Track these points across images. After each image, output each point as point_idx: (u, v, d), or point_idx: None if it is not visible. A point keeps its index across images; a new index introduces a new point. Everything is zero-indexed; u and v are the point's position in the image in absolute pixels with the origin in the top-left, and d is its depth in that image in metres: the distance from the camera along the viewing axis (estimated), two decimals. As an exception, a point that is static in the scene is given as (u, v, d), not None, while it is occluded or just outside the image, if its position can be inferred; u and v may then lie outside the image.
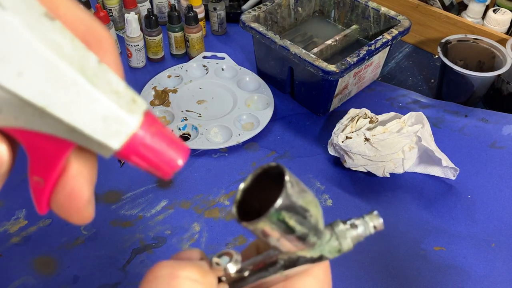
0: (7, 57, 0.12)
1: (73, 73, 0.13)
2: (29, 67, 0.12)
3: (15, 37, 0.12)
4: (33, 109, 0.13)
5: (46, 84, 0.12)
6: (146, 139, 0.14)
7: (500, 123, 0.73)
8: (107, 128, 0.13)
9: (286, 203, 0.15)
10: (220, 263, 0.17)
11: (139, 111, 0.14)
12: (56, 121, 0.13)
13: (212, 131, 0.71)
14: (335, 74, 0.65)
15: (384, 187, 0.64)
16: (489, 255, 0.57)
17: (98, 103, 0.13)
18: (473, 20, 0.85)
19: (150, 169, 0.15)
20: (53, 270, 0.55)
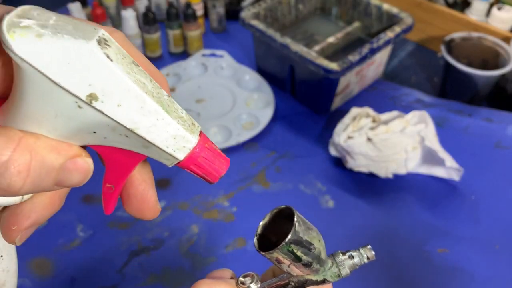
0: (111, 93, 0.16)
1: (155, 104, 0.17)
2: (125, 100, 0.16)
3: (117, 79, 0.16)
4: (122, 131, 0.17)
5: (136, 113, 0.17)
6: (202, 152, 0.19)
7: (504, 122, 0.72)
8: (175, 144, 0.18)
9: (295, 238, 0.20)
10: (245, 282, 0.22)
11: (197, 132, 0.19)
12: (137, 140, 0.18)
13: (211, 131, 0.70)
14: (337, 73, 0.64)
15: (386, 188, 0.63)
16: (493, 257, 0.56)
17: (170, 126, 0.18)
18: (477, 18, 0.83)
19: (202, 176, 0.20)
20: (49, 272, 0.54)
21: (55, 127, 0.17)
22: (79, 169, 0.18)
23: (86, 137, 0.18)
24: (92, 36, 0.16)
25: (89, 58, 0.16)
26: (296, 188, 0.63)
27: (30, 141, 0.16)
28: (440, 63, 0.85)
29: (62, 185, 0.18)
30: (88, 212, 0.60)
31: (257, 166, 0.66)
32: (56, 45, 0.15)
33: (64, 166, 0.17)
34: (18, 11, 0.16)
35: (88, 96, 0.16)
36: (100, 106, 0.16)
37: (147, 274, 0.54)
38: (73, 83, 0.16)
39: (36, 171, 0.16)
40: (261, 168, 0.66)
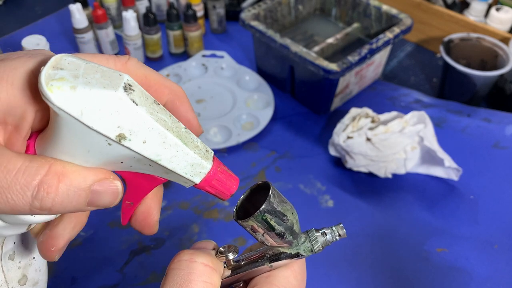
0: (137, 132, 0.18)
1: (175, 138, 0.19)
2: (150, 137, 0.19)
3: (142, 120, 0.18)
4: (147, 162, 0.20)
5: (159, 147, 0.19)
6: (215, 175, 0.21)
7: (503, 122, 0.72)
8: (193, 171, 0.21)
9: (268, 208, 0.22)
10: (223, 252, 0.24)
11: (211, 158, 0.21)
12: (160, 168, 0.20)
13: (211, 131, 0.70)
14: (336, 73, 0.64)
15: (386, 188, 0.64)
16: (492, 256, 0.56)
17: (188, 156, 0.20)
18: (475, 19, 0.84)
19: (216, 194, 0.22)
20: (50, 271, 0.54)
21: (86, 160, 0.19)
22: (108, 190, 0.20)
23: (114, 166, 0.20)
24: (119, 84, 0.18)
25: (118, 104, 0.18)
26: (296, 188, 0.63)
27: (58, 167, 0.19)
28: (439, 63, 0.85)
29: (94, 205, 0.20)
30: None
31: (257, 166, 0.66)
32: (89, 94, 0.17)
33: (92, 187, 0.19)
34: (52, 62, 0.18)
35: (118, 136, 0.18)
36: (128, 144, 0.18)
37: (148, 273, 0.54)
38: (104, 126, 0.18)
39: (64, 193, 0.19)
40: (261, 168, 0.66)
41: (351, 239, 0.57)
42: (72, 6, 0.77)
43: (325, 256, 0.55)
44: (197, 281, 0.22)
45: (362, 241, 0.57)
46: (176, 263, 0.22)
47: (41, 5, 1.03)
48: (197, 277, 0.22)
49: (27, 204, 0.18)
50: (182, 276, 0.22)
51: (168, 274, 0.22)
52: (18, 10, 1.02)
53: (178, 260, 0.22)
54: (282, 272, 0.24)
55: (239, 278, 0.24)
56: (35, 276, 0.26)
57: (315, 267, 0.54)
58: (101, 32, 0.80)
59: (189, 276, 0.22)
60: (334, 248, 0.56)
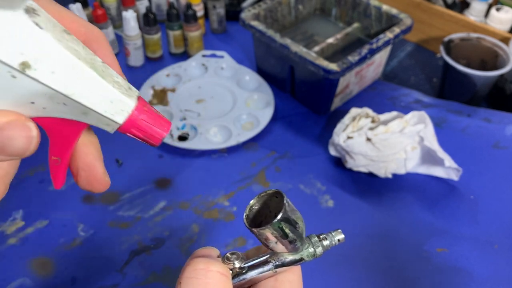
0: (44, 61, 0.16)
1: (89, 69, 0.17)
2: (59, 67, 0.17)
3: (50, 47, 0.16)
4: (59, 98, 0.17)
5: (71, 79, 0.17)
6: (141, 115, 0.19)
7: (503, 123, 0.72)
8: (113, 108, 0.18)
9: (285, 216, 0.22)
10: (230, 259, 0.24)
11: (135, 96, 0.19)
12: (76, 107, 0.18)
13: (211, 131, 0.70)
14: (336, 73, 0.64)
15: (386, 188, 0.64)
16: (492, 256, 0.56)
17: (107, 91, 0.18)
18: (476, 19, 0.84)
19: (145, 139, 0.20)
20: (50, 272, 0.54)
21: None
22: (19, 133, 0.17)
23: (25, 108, 0.18)
24: (19, 5, 0.16)
25: (19, 27, 0.16)
26: (296, 188, 0.63)
27: None
28: (439, 63, 0.85)
29: (5, 153, 0.18)
30: (88, 211, 0.60)
31: (257, 166, 0.66)
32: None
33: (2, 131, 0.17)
34: None
35: (21, 65, 0.16)
36: (34, 74, 0.16)
37: (148, 273, 0.54)
38: (4, 52, 0.16)
39: None
40: (261, 168, 0.66)
41: (351, 239, 0.57)
42: (72, 6, 0.77)
43: (325, 256, 0.55)
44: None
45: (362, 241, 0.57)
46: (191, 272, 0.22)
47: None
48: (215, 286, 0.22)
49: None
50: (199, 285, 0.22)
51: (183, 283, 0.22)
52: (18, 10, 1.02)
53: (194, 269, 0.22)
54: (287, 276, 0.25)
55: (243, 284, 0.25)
56: None
57: (316, 267, 0.54)
58: (101, 32, 0.80)
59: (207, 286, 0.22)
60: (334, 247, 0.55)
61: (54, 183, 0.21)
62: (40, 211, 0.60)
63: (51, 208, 0.60)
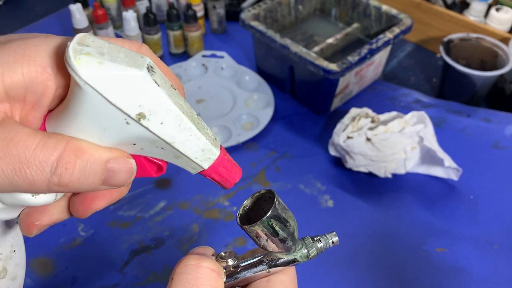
0: (156, 113, 0.19)
1: (189, 122, 0.20)
2: (167, 119, 0.19)
3: (162, 101, 0.19)
4: (160, 144, 0.20)
5: (175, 129, 0.20)
6: (222, 162, 0.22)
7: (502, 123, 0.72)
8: (203, 156, 0.21)
9: (274, 214, 0.22)
10: (224, 257, 0.24)
11: (219, 145, 0.22)
12: (171, 151, 0.20)
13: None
14: (336, 73, 0.64)
15: (385, 187, 0.64)
16: (491, 256, 0.56)
17: (201, 141, 0.21)
18: (475, 19, 0.84)
19: (220, 182, 0.23)
20: (50, 271, 0.54)
21: (101, 139, 0.20)
22: (123, 168, 0.20)
23: (126, 147, 0.20)
24: (142, 64, 0.18)
25: (141, 83, 0.18)
26: (296, 188, 0.63)
27: (76, 143, 0.19)
28: (439, 63, 0.85)
29: (109, 183, 0.20)
30: (89, 211, 0.60)
31: (257, 166, 0.66)
32: (115, 71, 0.18)
33: (108, 165, 0.20)
34: (77, 39, 0.18)
35: (138, 115, 0.19)
36: (147, 123, 0.19)
37: (148, 273, 0.54)
38: (127, 103, 0.18)
39: (82, 169, 0.19)
40: (261, 168, 0.66)
41: (351, 239, 0.57)
42: (73, 6, 0.77)
43: (325, 256, 0.55)
44: (205, 285, 0.22)
45: (362, 241, 0.57)
46: (183, 268, 0.23)
47: (41, 5, 1.03)
48: (205, 281, 0.22)
49: (46, 179, 0.18)
50: (190, 280, 0.22)
51: (174, 278, 0.22)
52: (18, 10, 1.02)
53: (185, 265, 0.23)
54: (280, 277, 0.25)
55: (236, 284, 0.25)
56: (15, 270, 0.25)
57: (316, 267, 0.54)
58: (101, 32, 0.80)
59: (197, 281, 0.22)
60: (334, 247, 0.56)
61: None
62: (40, 211, 0.60)
63: (51, 208, 0.60)
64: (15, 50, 0.18)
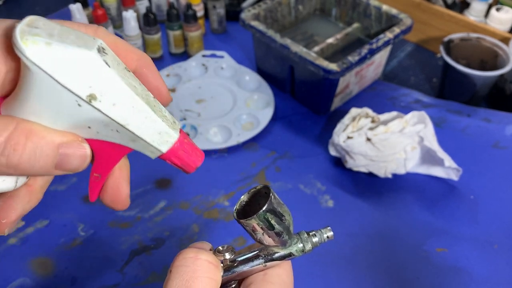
0: (108, 94, 0.19)
1: (144, 104, 0.20)
2: (120, 100, 0.19)
3: (114, 83, 0.19)
4: (115, 126, 0.20)
5: (128, 111, 0.19)
6: (182, 146, 0.22)
7: (503, 123, 0.72)
8: (160, 139, 0.21)
9: (270, 208, 0.23)
10: (221, 251, 0.25)
11: (178, 128, 0.22)
12: (127, 134, 0.20)
13: (211, 131, 0.70)
14: (336, 73, 0.64)
15: (386, 187, 0.64)
16: (491, 256, 0.56)
17: (156, 123, 0.20)
18: (475, 19, 0.84)
19: (181, 166, 0.23)
20: (50, 271, 0.54)
21: (54, 122, 0.19)
22: (76, 152, 0.20)
23: (81, 131, 0.20)
24: (93, 45, 0.18)
25: (91, 64, 0.18)
26: (296, 188, 0.63)
27: (26, 125, 0.19)
28: (439, 63, 0.85)
29: (62, 168, 0.20)
30: (88, 211, 0.60)
31: (257, 166, 0.66)
32: (63, 52, 0.17)
33: (60, 149, 0.19)
34: (27, 21, 0.18)
35: (88, 96, 0.18)
36: (98, 105, 0.19)
37: (148, 273, 0.54)
38: (76, 84, 0.18)
39: (32, 150, 0.19)
40: (261, 168, 0.66)
41: (351, 239, 0.57)
42: (72, 6, 0.77)
43: (325, 255, 0.55)
44: (202, 277, 0.22)
45: (362, 241, 0.57)
46: (181, 260, 0.23)
47: (41, 5, 1.03)
48: (203, 274, 0.23)
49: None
50: (188, 272, 0.22)
51: (173, 271, 0.23)
52: (18, 10, 1.02)
53: (183, 258, 0.23)
54: (276, 271, 0.25)
55: (233, 278, 0.25)
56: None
57: (316, 267, 0.54)
58: (101, 32, 0.80)
59: (195, 273, 0.22)
60: (334, 247, 0.56)
61: (90, 196, 0.23)
62: (40, 211, 0.60)
63: (51, 208, 0.60)
64: None
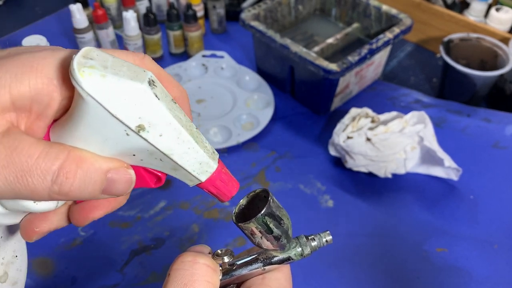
0: (156, 125, 0.19)
1: (188, 135, 0.20)
2: (166, 131, 0.20)
3: (162, 114, 0.19)
4: (159, 155, 0.20)
5: (173, 142, 0.20)
6: (219, 176, 0.22)
7: (502, 123, 0.72)
8: (200, 169, 0.22)
9: (268, 211, 0.23)
10: (220, 255, 0.25)
11: (217, 159, 0.22)
12: (169, 163, 0.21)
13: (211, 131, 0.70)
14: (336, 73, 0.64)
15: (385, 187, 0.64)
16: (491, 256, 0.56)
17: (198, 154, 0.21)
18: (475, 19, 0.84)
19: (217, 195, 0.23)
20: (50, 271, 0.54)
21: (101, 149, 0.20)
22: (122, 178, 0.21)
23: (126, 158, 0.21)
24: (144, 78, 0.19)
25: (142, 97, 0.19)
26: (296, 188, 0.63)
27: (77, 153, 0.20)
28: (439, 63, 0.85)
29: (108, 193, 0.21)
30: (89, 211, 0.60)
31: (257, 166, 0.66)
32: (117, 84, 0.18)
33: (108, 175, 0.20)
34: (83, 52, 0.19)
35: (137, 127, 0.19)
36: (146, 135, 0.19)
37: (148, 273, 0.54)
38: (127, 115, 0.19)
39: (82, 178, 0.19)
40: (261, 168, 0.66)
41: (351, 239, 0.57)
42: (73, 6, 0.77)
43: (325, 255, 0.55)
44: (200, 281, 0.23)
45: (362, 241, 0.57)
46: (179, 264, 0.23)
47: (41, 5, 1.03)
48: (201, 277, 0.23)
49: (47, 188, 0.19)
50: (186, 276, 0.23)
51: (171, 274, 0.23)
52: (19, 10, 1.02)
53: (182, 261, 0.23)
54: (275, 274, 0.26)
55: (232, 281, 0.26)
56: (15, 276, 0.26)
57: (315, 267, 0.54)
58: (101, 32, 0.81)
59: (193, 277, 0.23)
60: (334, 247, 0.56)
61: None
62: (40, 211, 0.60)
63: (51, 208, 0.60)
64: (23, 62, 0.19)
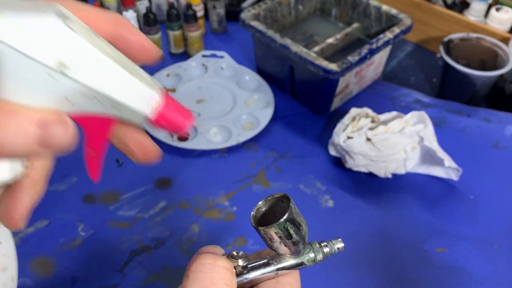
0: (76, 59, 0.18)
1: (119, 67, 0.19)
2: (92, 65, 0.18)
3: (82, 47, 0.18)
4: (91, 94, 0.19)
5: (104, 77, 0.18)
6: (167, 106, 0.20)
7: (502, 123, 0.72)
8: (142, 102, 0.20)
9: (290, 217, 0.23)
10: (235, 257, 0.25)
11: (159, 88, 0.20)
12: (106, 101, 0.19)
13: (211, 131, 0.70)
14: (336, 73, 0.64)
15: (385, 187, 0.64)
16: (491, 256, 0.56)
17: (134, 85, 0.19)
18: (475, 19, 0.84)
19: (172, 128, 0.21)
20: (50, 271, 0.54)
21: (32, 99, 0.18)
22: (58, 126, 0.19)
23: (61, 106, 0.19)
24: (51, 10, 0.17)
25: (53, 30, 0.17)
26: (296, 188, 0.63)
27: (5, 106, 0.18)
28: (439, 63, 0.85)
29: (46, 145, 0.19)
30: (89, 211, 0.60)
31: (257, 166, 0.66)
32: (20, 20, 0.16)
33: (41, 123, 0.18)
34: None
35: (57, 64, 0.17)
36: (68, 72, 0.18)
37: (148, 273, 0.54)
38: (43, 54, 0.17)
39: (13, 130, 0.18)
40: (261, 168, 0.66)
41: (351, 239, 0.57)
42: (72, 6, 0.77)
43: (325, 256, 0.55)
44: (220, 284, 0.23)
45: (362, 241, 0.57)
46: (199, 266, 0.23)
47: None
48: (221, 280, 0.23)
49: None
50: (206, 278, 0.23)
51: (190, 276, 0.23)
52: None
53: (201, 264, 0.23)
54: (287, 279, 0.26)
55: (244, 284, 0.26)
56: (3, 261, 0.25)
57: (316, 267, 0.54)
58: (101, 32, 0.80)
59: (213, 280, 0.23)
60: (334, 248, 0.56)
61: (91, 176, 0.22)
62: (40, 211, 0.60)
63: (51, 208, 0.60)
64: None
